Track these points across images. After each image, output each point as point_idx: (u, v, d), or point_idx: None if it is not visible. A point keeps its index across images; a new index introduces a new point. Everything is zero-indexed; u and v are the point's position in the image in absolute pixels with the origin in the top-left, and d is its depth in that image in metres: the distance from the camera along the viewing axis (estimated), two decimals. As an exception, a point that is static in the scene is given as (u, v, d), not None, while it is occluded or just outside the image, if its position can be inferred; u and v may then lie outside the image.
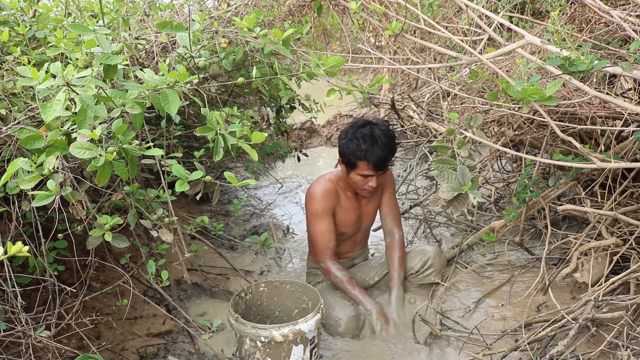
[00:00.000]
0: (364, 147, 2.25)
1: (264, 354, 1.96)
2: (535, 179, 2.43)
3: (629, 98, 2.26)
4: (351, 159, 2.29)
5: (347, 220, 2.51)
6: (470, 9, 1.89)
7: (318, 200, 2.41)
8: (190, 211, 3.41)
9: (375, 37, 3.57)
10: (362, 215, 2.58)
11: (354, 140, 2.28)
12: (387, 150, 2.26)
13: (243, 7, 2.30)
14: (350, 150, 2.28)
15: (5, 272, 1.51)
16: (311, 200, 2.43)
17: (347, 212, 2.49)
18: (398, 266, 2.51)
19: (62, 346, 1.58)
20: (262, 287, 2.28)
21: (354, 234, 2.62)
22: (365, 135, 2.27)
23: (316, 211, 2.41)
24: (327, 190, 2.42)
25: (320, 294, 2.21)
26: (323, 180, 2.46)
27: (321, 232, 2.42)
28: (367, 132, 2.27)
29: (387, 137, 2.27)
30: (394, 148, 2.31)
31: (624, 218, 2.03)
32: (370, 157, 2.25)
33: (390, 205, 2.59)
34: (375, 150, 2.24)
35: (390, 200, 2.59)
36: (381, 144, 2.24)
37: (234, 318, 1.98)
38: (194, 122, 2.51)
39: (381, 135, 2.26)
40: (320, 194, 2.42)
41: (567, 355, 1.86)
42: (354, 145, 2.27)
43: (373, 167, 2.28)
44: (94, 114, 1.39)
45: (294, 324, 1.94)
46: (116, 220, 1.60)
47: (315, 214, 2.42)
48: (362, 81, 2.72)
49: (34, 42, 2.11)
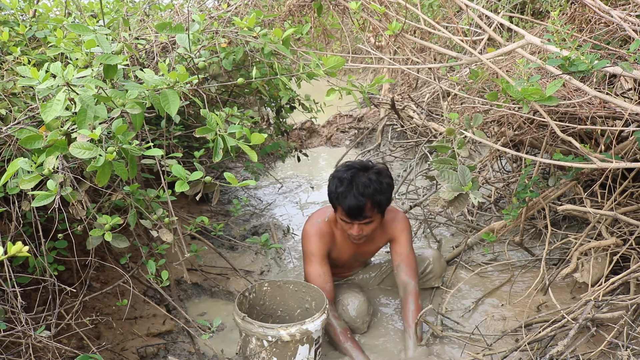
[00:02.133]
0: (340, 190, 2.13)
1: (270, 353, 1.96)
2: (535, 179, 2.43)
3: (629, 98, 2.26)
4: (331, 200, 2.20)
5: (343, 259, 2.44)
6: (470, 9, 1.89)
7: (313, 242, 2.30)
8: (190, 211, 3.41)
9: (375, 37, 3.57)
10: (360, 255, 2.50)
11: (335, 181, 2.17)
12: (364, 200, 2.09)
13: (243, 7, 2.30)
14: (330, 192, 2.20)
15: (5, 272, 1.51)
16: (306, 240, 2.33)
17: (342, 252, 2.40)
18: (412, 320, 2.24)
19: (62, 346, 1.58)
20: (265, 286, 2.28)
21: (350, 265, 2.60)
22: (345, 178, 2.14)
23: (310, 252, 2.31)
24: (321, 231, 2.31)
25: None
26: (320, 220, 2.34)
27: (316, 275, 2.29)
28: (348, 176, 2.13)
29: (369, 186, 2.10)
30: (377, 199, 2.12)
31: (624, 218, 2.03)
32: (343, 203, 2.12)
33: (403, 255, 2.38)
34: (349, 198, 2.10)
35: (403, 249, 2.38)
36: (357, 192, 2.09)
37: (240, 317, 1.98)
38: (194, 122, 2.51)
39: (361, 183, 2.10)
40: (314, 236, 2.30)
41: (567, 355, 1.86)
42: (334, 186, 2.17)
43: (346, 215, 2.14)
44: (94, 114, 1.39)
45: (301, 324, 1.95)
46: (116, 220, 1.60)
47: (310, 254, 2.31)
48: (362, 81, 2.72)
49: (34, 42, 2.11)
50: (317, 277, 2.29)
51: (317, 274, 2.29)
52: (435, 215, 3.43)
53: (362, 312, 2.34)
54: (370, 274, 2.70)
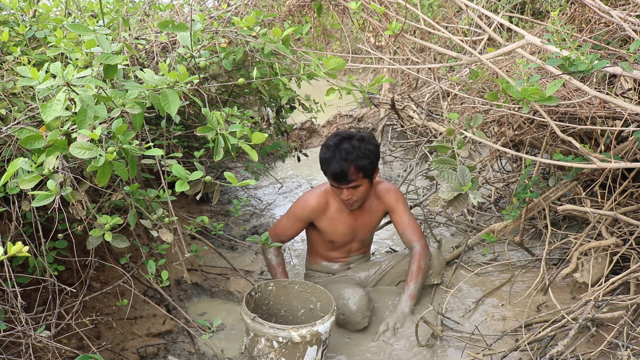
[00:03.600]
0: (325, 156, 2.28)
1: (279, 354, 1.96)
2: (535, 179, 2.43)
3: (629, 98, 2.26)
4: (321, 166, 2.33)
5: (335, 230, 2.52)
6: (470, 9, 1.89)
7: (300, 207, 2.48)
8: (190, 211, 3.41)
9: (375, 37, 3.57)
10: (356, 228, 2.57)
11: (323, 148, 2.31)
12: (347, 165, 2.22)
13: (243, 7, 2.30)
14: (319, 157, 2.33)
15: (5, 272, 1.51)
16: (297, 201, 2.52)
17: (334, 223, 2.50)
18: (410, 280, 2.44)
19: (62, 346, 1.58)
20: (271, 286, 2.28)
21: (346, 244, 2.62)
22: (330, 145, 2.28)
23: (293, 211, 2.50)
24: (312, 199, 2.46)
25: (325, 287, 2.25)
26: (318, 190, 2.49)
27: (279, 224, 2.53)
28: (333, 143, 2.27)
29: (351, 152, 2.23)
30: (361, 164, 2.25)
31: (624, 218, 2.03)
32: (327, 168, 2.26)
33: (404, 222, 2.53)
34: (332, 163, 2.24)
35: (402, 217, 2.53)
36: (340, 157, 2.22)
37: (250, 318, 1.98)
38: (194, 122, 2.51)
39: (344, 149, 2.23)
40: (304, 201, 2.48)
41: (567, 355, 1.86)
42: (321, 153, 2.31)
43: (333, 179, 2.28)
44: (94, 114, 1.39)
45: (312, 325, 1.95)
46: (116, 220, 1.60)
47: (292, 212, 2.50)
48: (362, 81, 2.72)
49: (34, 42, 2.11)
50: (282, 229, 2.51)
51: (284, 226, 2.51)
52: (435, 215, 3.43)
53: (363, 306, 2.34)
54: (370, 271, 2.70)
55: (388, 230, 3.39)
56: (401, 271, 2.63)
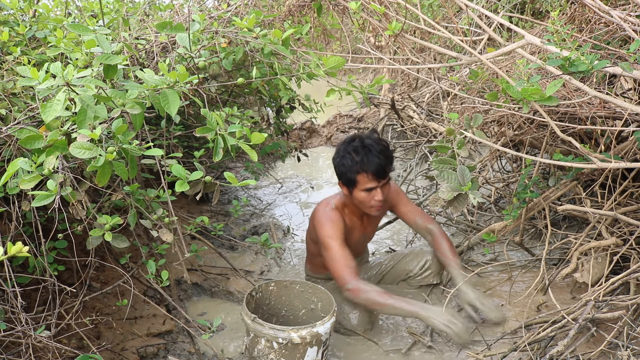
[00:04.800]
0: (358, 158, 2.19)
1: (279, 354, 1.96)
2: (535, 179, 2.43)
3: (629, 98, 2.26)
4: (349, 176, 2.23)
5: (353, 241, 2.46)
6: (470, 9, 1.89)
7: (330, 226, 2.31)
8: (190, 211, 3.41)
9: (375, 37, 3.57)
10: (366, 234, 2.55)
11: (347, 156, 2.22)
12: (383, 157, 2.20)
13: (243, 7, 2.30)
14: (347, 167, 2.22)
15: (5, 272, 1.51)
16: (322, 226, 2.32)
17: (352, 235, 2.44)
18: (452, 255, 2.41)
19: (62, 346, 1.58)
20: (272, 285, 2.28)
21: (356, 249, 2.60)
22: (357, 147, 2.21)
23: (329, 236, 2.29)
24: (334, 217, 2.34)
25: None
26: (329, 208, 2.37)
27: (339, 255, 2.25)
28: (358, 144, 2.22)
29: (379, 144, 2.22)
30: (389, 155, 2.24)
31: (624, 218, 2.03)
32: (368, 167, 2.19)
33: (411, 211, 2.52)
34: (371, 159, 2.19)
35: (407, 207, 2.52)
36: (375, 151, 2.19)
37: (250, 318, 1.98)
38: (194, 122, 2.51)
39: (373, 144, 2.21)
40: (329, 221, 2.32)
41: (567, 355, 1.86)
42: (349, 161, 2.21)
43: (374, 177, 2.20)
44: (94, 114, 1.39)
45: (312, 327, 1.95)
46: (116, 220, 1.60)
47: (329, 238, 2.29)
48: (362, 81, 2.72)
49: (34, 42, 2.11)
50: (343, 255, 2.24)
51: (342, 252, 2.26)
52: (435, 215, 3.43)
53: (364, 321, 2.35)
54: (371, 272, 2.70)
55: (388, 230, 3.39)
56: (401, 270, 2.63)
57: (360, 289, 2.14)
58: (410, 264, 2.62)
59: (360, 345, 2.30)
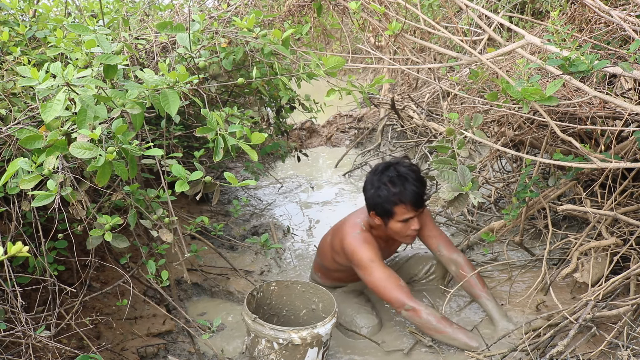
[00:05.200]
0: (396, 190, 2.12)
1: (279, 355, 1.96)
2: (535, 179, 2.43)
3: (629, 98, 2.26)
4: (386, 207, 2.16)
5: None
6: (470, 9, 1.89)
7: (366, 249, 2.23)
8: (190, 211, 3.41)
9: (375, 37, 3.57)
10: (389, 255, 2.53)
11: (383, 187, 2.15)
12: (420, 185, 2.15)
13: (243, 7, 2.30)
14: (383, 199, 2.15)
15: (5, 272, 1.51)
16: (359, 250, 2.24)
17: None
18: (482, 286, 2.29)
19: (62, 346, 1.58)
20: (273, 285, 2.28)
21: None
22: (392, 177, 2.14)
23: (370, 259, 2.21)
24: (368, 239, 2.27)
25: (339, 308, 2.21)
26: (359, 230, 2.29)
27: (387, 276, 2.18)
28: (394, 174, 2.15)
29: (414, 172, 2.17)
30: (424, 181, 2.20)
31: (624, 218, 2.03)
32: (407, 197, 2.12)
33: (436, 236, 2.39)
34: (409, 188, 2.12)
35: (432, 231, 2.39)
36: (412, 180, 2.14)
37: (251, 319, 1.98)
38: (194, 122, 2.51)
39: (409, 172, 2.15)
40: (364, 243, 2.25)
41: (567, 355, 1.86)
42: (385, 192, 2.14)
43: (412, 207, 2.15)
44: (94, 114, 1.39)
45: (313, 328, 1.95)
46: (116, 220, 1.60)
47: (370, 261, 2.21)
48: (362, 81, 2.72)
49: (34, 42, 2.11)
50: (390, 278, 2.18)
51: (388, 275, 2.19)
52: (435, 215, 3.43)
53: (375, 333, 2.34)
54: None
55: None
56: (405, 274, 2.63)
57: (420, 311, 2.11)
58: (414, 268, 2.62)
59: (362, 346, 2.30)
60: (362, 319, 2.36)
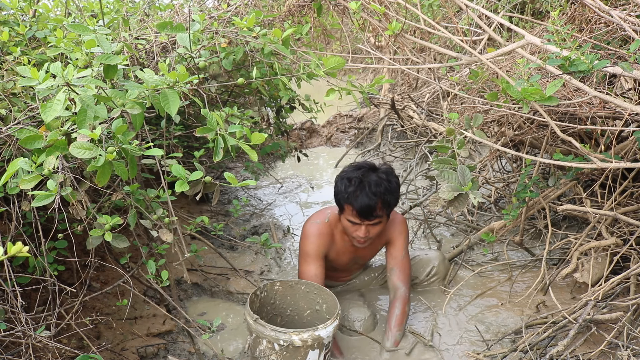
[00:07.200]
0: (350, 189, 2.10)
1: (280, 356, 1.96)
2: (535, 179, 2.43)
3: (629, 98, 2.26)
4: (339, 200, 2.17)
5: (341, 262, 2.42)
6: (470, 9, 1.89)
7: (310, 242, 2.27)
8: (190, 211, 3.41)
9: (375, 37, 3.57)
10: (359, 258, 2.47)
11: (344, 181, 2.14)
12: (376, 199, 2.07)
13: (243, 7, 2.30)
14: (338, 190, 2.16)
15: (5, 272, 1.51)
16: (304, 240, 2.30)
17: (340, 255, 2.38)
18: (394, 325, 2.25)
19: (62, 346, 1.58)
20: (277, 285, 2.28)
21: (349, 269, 2.58)
22: (354, 178, 2.11)
23: (307, 252, 2.27)
24: (320, 232, 2.28)
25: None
26: (320, 221, 2.30)
27: (309, 275, 2.26)
28: (358, 175, 2.12)
29: (380, 185, 2.09)
30: (387, 199, 2.11)
31: (624, 218, 2.03)
32: (355, 203, 2.08)
33: (397, 258, 2.35)
34: (361, 196, 2.07)
35: (398, 252, 2.36)
36: (369, 191, 2.07)
37: (252, 319, 1.98)
38: (194, 122, 2.51)
39: (373, 182, 2.08)
40: (312, 236, 2.27)
41: (567, 355, 1.86)
42: (343, 186, 2.14)
43: (357, 214, 2.11)
44: (94, 114, 1.39)
45: (314, 330, 1.95)
46: (116, 220, 1.60)
47: (306, 254, 2.28)
48: (362, 81, 2.72)
49: (34, 42, 2.11)
50: (310, 279, 2.26)
51: (311, 274, 2.26)
52: (435, 215, 3.43)
53: (368, 328, 2.36)
54: (372, 274, 2.70)
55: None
56: None
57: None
58: (416, 271, 2.62)
59: (363, 345, 2.30)
60: (353, 312, 2.37)
